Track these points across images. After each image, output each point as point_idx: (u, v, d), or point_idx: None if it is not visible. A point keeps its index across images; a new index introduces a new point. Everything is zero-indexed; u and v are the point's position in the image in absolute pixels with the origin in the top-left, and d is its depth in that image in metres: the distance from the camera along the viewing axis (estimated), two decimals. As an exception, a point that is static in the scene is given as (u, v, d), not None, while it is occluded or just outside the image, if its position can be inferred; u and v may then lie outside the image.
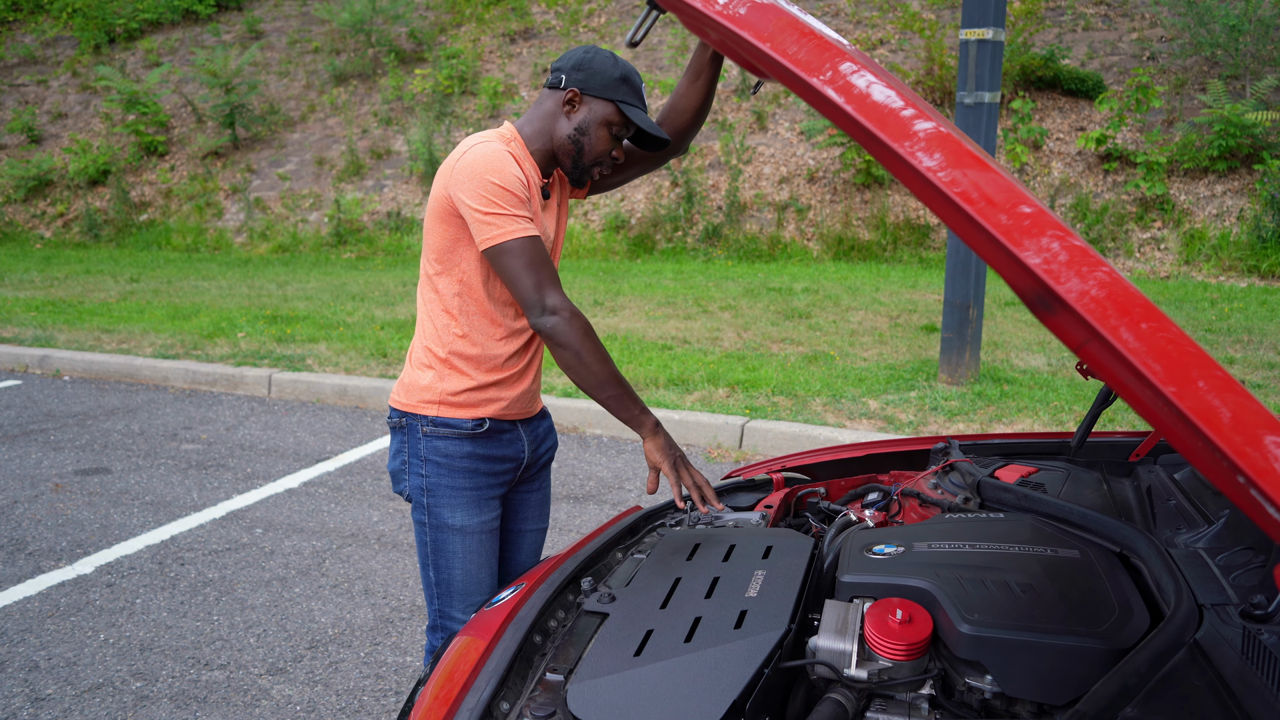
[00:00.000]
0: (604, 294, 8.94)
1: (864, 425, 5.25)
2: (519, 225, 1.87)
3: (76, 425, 5.90)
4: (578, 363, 1.88)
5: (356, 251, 12.30)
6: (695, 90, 2.09)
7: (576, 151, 2.00)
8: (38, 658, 3.22)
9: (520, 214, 1.88)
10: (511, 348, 2.05)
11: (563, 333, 1.86)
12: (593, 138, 1.99)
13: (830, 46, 1.12)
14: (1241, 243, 9.16)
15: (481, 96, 13.21)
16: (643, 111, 2.01)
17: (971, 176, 0.98)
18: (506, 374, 2.06)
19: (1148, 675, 1.17)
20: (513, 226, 1.86)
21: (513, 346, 2.05)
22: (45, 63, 16.75)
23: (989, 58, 5.49)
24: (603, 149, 2.00)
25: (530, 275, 1.87)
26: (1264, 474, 0.83)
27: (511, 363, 2.06)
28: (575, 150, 2.00)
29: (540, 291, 1.87)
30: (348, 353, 7.06)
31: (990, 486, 1.81)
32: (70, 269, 11.58)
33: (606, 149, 2.01)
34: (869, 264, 10.30)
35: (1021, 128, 10.35)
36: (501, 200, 1.86)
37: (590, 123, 1.98)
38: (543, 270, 1.88)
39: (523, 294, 1.88)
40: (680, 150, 2.21)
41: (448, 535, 2.08)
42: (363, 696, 2.98)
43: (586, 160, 2.01)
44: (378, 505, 4.56)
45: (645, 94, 2.04)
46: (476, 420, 2.05)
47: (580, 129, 1.98)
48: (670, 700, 1.20)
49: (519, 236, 1.86)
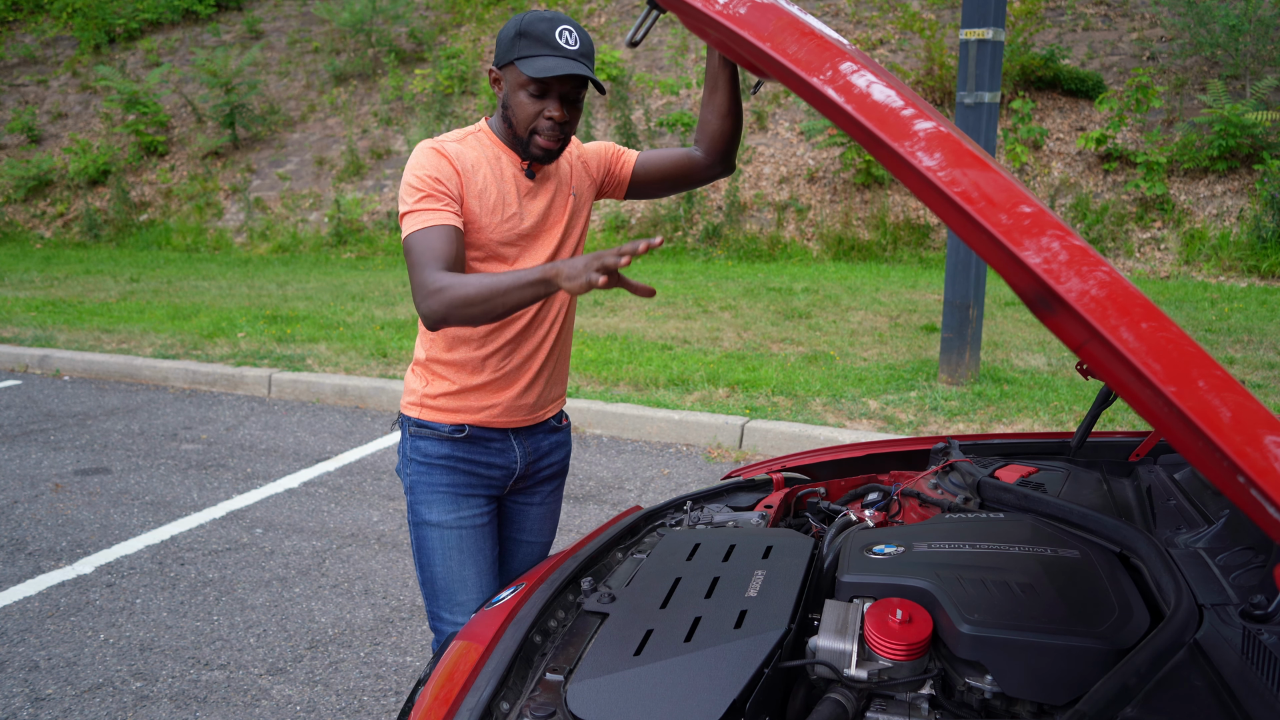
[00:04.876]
0: (604, 294, 8.94)
1: (864, 425, 5.25)
2: (424, 217, 1.81)
3: (76, 425, 5.90)
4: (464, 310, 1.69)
5: (356, 251, 12.30)
6: (718, 102, 2.05)
7: (509, 128, 1.92)
8: (38, 658, 3.22)
9: (425, 206, 1.82)
10: (487, 351, 2.00)
11: (443, 306, 1.70)
12: (514, 107, 1.88)
13: (830, 46, 1.12)
14: (1241, 243, 9.16)
15: (481, 96, 13.21)
16: (550, 57, 1.82)
17: (971, 176, 0.98)
18: (487, 380, 2.02)
19: (1148, 675, 1.17)
20: (411, 223, 1.81)
21: (489, 349, 2.00)
22: (45, 63, 16.75)
23: (989, 58, 5.49)
24: (527, 114, 1.87)
25: (418, 266, 1.76)
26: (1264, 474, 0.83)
27: (492, 368, 2.01)
28: (509, 127, 1.92)
29: (423, 277, 1.73)
30: (348, 353, 7.06)
31: (990, 486, 1.81)
32: (70, 269, 11.58)
33: (533, 112, 1.87)
34: (869, 264, 10.29)
35: (1021, 128, 10.34)
36: (409, 196, 1.84)
37: (509, 94, 1.89)
38: (427, 258, 1.75)
39: (414, 286, 1.75)
40: (726, 168, 2.14)
41: (425, 531, 2.08)
42: (363, 696, 2.98)
43: (520, 132, 1.90)
44: (378, 505, 4.56)
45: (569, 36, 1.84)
46: (455, 425, 2.03)
47: (504, 103, 1.91)
48: (670, 700, 1.20)
49: (413, 230, 1.80)
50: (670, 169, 2.14)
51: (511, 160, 1.97)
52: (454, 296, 1.69)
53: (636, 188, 2.16)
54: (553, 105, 1.86)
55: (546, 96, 1.86)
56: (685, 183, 2.17)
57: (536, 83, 1.84)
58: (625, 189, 2.16)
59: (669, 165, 2.14)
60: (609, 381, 6.12)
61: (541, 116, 1.87)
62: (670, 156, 2.15)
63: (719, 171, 2.15)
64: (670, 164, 2.14)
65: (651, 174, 2.15)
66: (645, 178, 2.15)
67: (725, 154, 2.11)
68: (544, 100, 1.86)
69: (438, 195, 1.84)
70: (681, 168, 2.14)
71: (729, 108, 2.06)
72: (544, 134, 1.89)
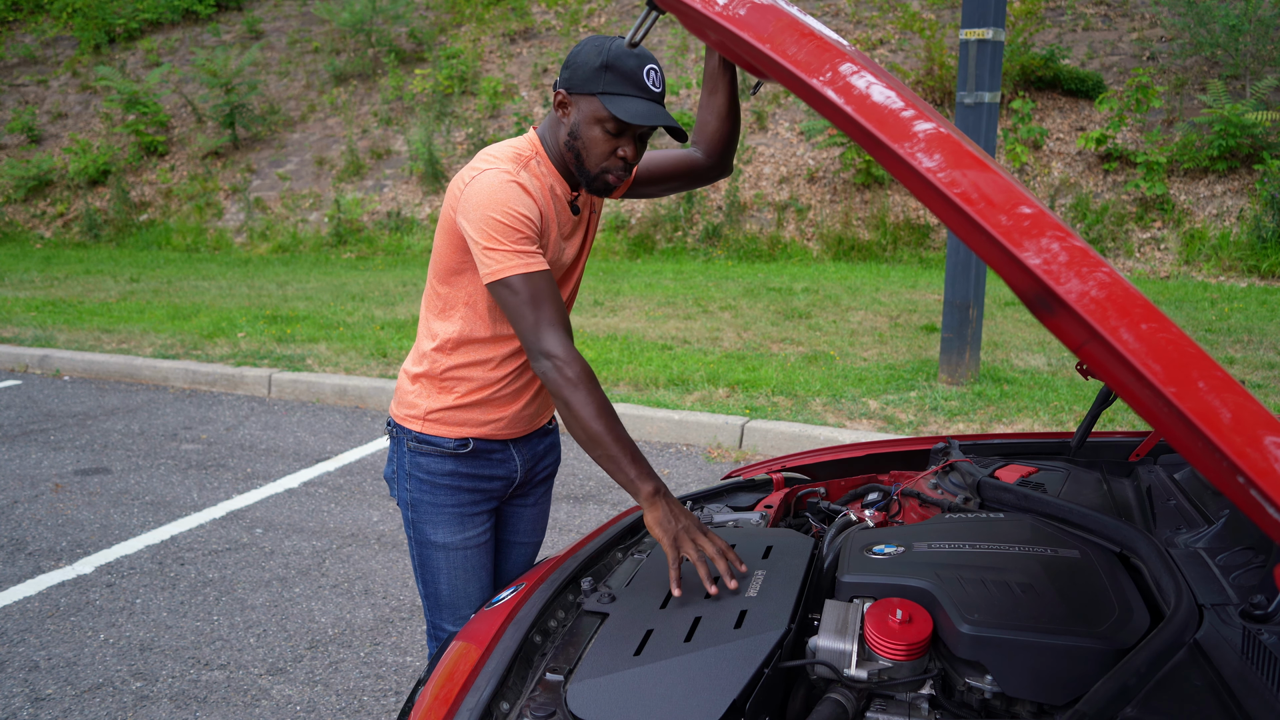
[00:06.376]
0: (604, 294, 8.94)
1: (864, 425, 5.25)
2: (520, 260, 1.74)
3: (76, 425, 5.90)
4: (567, 413, 1.71)
5: (356, 251, 12.30)
6: (716, 103, 2.04)
7: (576, 159, 1.83)
8: (38, 658, 3.22)
9: (523, 248, 1.75)
10: (502, 373, 1.98)
11: (553, 380, 1.71)
12: (586, 140, 1.80)
13: (830, 47, 1.12)
14: (1241, 243, 9.16)
15: (481, 96, 13.21)
16: (638, 99, 1.77)
17: (971, 177, 0.98)
18: (496, 394, 1.99)
19: (1148, 675, 1.17)
20: (514, 262, 1.74)
21: (504, 372, 1.98)
22: (45, 63, 16.75)
23: (989, 58, 5.49)
24: (601, 151, 1.80)
25: (529, 314, 1.73)
26: (1264, 474, 0.83)
27: (503, 384, 1.99)
28: (575, 158, 1.83)
29: (537, 333, 1.73)
30: (348, 353, 7.06)
31: (990, 486, 1.81)
32: (70, 269, 11.58)
33: (606, 150, 1.80)
34: (869, 264, 10.29)
35: (1021, 128, 10.34)
36: (503, 236, 1.74)
37: (580, 124, 1.80)
38: (543, 309, 1.74)
39: (521, 332, 1.76)
40: (724, 169, 2.12)
41: (431, 551, 2.06)
42: (363, 696, 2.98)
43: (589, 167, 1.83)
44: (378, 505, 4.56)
45: (655, 77, 1.79)
46: (459, 440, 2.00)
47: (573, 133, 1.82)
48: (670, 700, 1.20)
49: (520, 273, 1.74)
50: (669, 170, 2.14)
51: (564, 191, 1.91)
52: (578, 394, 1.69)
53: (637, 188, 2.16)
54: (628, 145, 1.81)
55: (623, 135, 1.80)
56: (684, 183, 2.16)
57: (619, 123, 1.77)
58: (625, 189, 2.15)
59: (668, 166, 2.14)
60: (609, 381, 6.12)
61: (615, 156, 1.81)
62: (670, 157, 2.15)
63: (717, 173, 2.14)
64: (670, 165, 2.14)
65: (653, 174, 2.14)
66: (646, 178, 2.14)
67: (723, 156, 2.11)
68: (620, 139, 1.80)
69: (531, 237, 1.77)
70: (681, 168, 2.13)
71: (727, 110, 2.05)
72: (615, 172, 1.84)
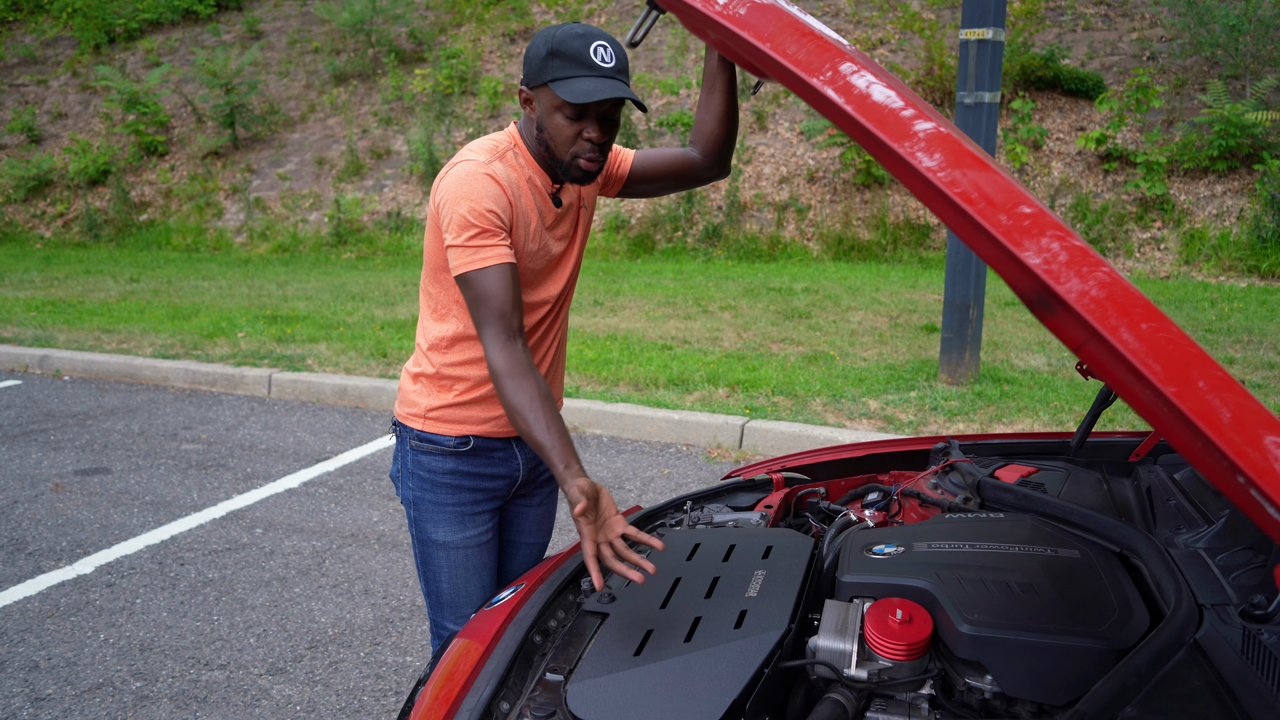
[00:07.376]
0: (604, 294, 8.94)
1: (864, 425, 5.25)
2: (473, 256, 1.75)
3: (76, 425, 5.90)
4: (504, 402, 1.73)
5: (356, 251, 12.30)
6: (715, 103, 2.04)
7: (548, 151, 1.84)
8: (38, 658, 3.22)
9: (480, 244, 1.76)
10: None
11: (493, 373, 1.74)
12: (550, 130, 1.80)
13: (830, 47, 1.12)
14: (1241, 243, 9.16)
15: (481, 96, 13.21)
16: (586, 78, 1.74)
17: (971, 177, 0.98)
18: (493, 394, 1.98)
19: (1148, 675, 1.17)
20: (468, 258, 1.76)
21: None
22: (45, 63, 16.74)
23: (989, 58, 5.49)
24: (565, 137, 1.79)
25: (475, 310, 1.77)
26: (1264, 474, 0.83)
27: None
28: (546, 150, 1.84)
29: (479, 329, 1.76)
30: (348, 353, 7.06)
31: (990, 486, 1.81)
32: (70, 269, 11.58)
33: (570, 135, 1.79)
34: (869, 264, 10.29)
35: (1021, 128, 10.34)
36: (462, 229, 1.76)
37: (543, 115, 1.81)
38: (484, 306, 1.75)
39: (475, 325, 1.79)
40: (721, 170, 2.12)
41: (432, 549, 2.06)
42: (363, 696, 2.98)
43: (560, 156, 1.82)
44: (378, 505, 4.56)
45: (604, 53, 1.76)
46: (460, 438, 2.00)
47: (540, 126, 1.82)
48: (670, 700, 1.20)
49: (472, 269, 1.75)
50: (667, 169, 2.14)
51: (544, 183, 1.92)
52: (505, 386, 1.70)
53: (632, 186, 2.16)
54: (591, 127, 1.79)
55: (585, 118, 1.78)
56: (682, 183, 2.16)
57: (574, 105, 1.76)
58: (620, 187, 2.15)
59: (666, 165, 2.14)
60: (609, 381, 6.12)
61: (581, 139, 1.80)
62: (667, 156, 2.15)
63: (714, 174, 2.14)
64: (667, 164, 2.14)
65: (648, 173, 2.14)
66: (642, 176, 2.15)
67: (720, 156, 2.11)
68: (582, 122, 1.79)
69: (494, 230, 1.78)
70: (678, 168, 2.14)
71: (726, 110, 2.05)
72: (585, 156, 1.82)
